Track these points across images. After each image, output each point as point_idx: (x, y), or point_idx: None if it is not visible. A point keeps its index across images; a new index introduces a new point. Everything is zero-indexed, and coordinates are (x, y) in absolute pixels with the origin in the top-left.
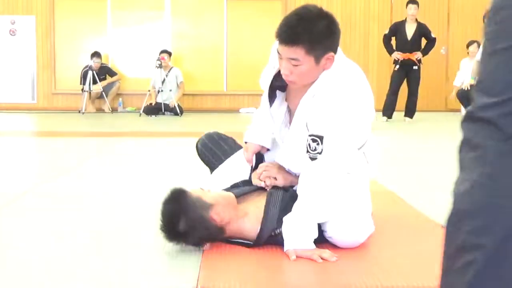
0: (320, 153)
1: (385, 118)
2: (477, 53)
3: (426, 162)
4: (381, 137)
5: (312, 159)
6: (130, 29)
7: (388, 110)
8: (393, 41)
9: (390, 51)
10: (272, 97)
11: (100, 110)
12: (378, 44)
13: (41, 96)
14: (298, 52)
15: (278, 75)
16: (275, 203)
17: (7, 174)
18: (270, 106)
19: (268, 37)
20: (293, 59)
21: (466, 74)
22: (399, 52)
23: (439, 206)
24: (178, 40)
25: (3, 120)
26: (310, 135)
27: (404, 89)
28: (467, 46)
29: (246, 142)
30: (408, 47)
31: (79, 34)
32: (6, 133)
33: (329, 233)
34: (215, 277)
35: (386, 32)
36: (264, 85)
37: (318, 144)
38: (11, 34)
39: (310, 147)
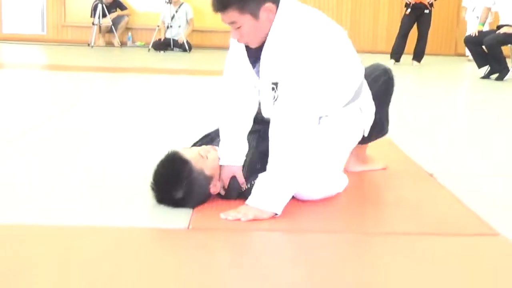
0: (276, 99)
1: (392, 61)
2: None
3: (424, 106)
4: None
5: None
6: None
7: (396, 54)
8: None
9: None
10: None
11: (109, 44)
12: None
13: (51, 28)
14: (232, 16)
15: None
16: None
17: (12, 109)
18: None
19: None
20: (232, 23)
21: None
22: None
23: (435, 155)
24: None
25: (12, 51)
26: (271, 84)
27: (414, 33)
28: None
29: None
30: None
31: None
32: (14, 65)
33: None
34: (206, 219)
35: None
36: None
37: (275, 91)
38: None
39: (273, 97)
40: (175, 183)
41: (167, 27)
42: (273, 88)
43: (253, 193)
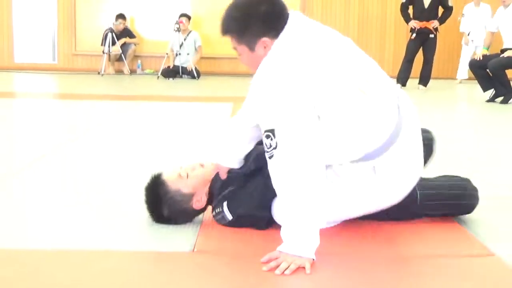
0: (275, 148)
1: (399, 85)
2: (489, 22)
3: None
4: None
5: (270, 157)
6: None
7: (402, 78)
8: (410, 10)
9: (407, 19)
10: None
11: (119, 71)
12: (395, 11)
13: (62, 56)
14: (232, 41)
15: None
16: (216, 184)
17: (23, 137)
18: None
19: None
20: (234, 48)
21: (471, 21)
22: (416, 21)
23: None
24: (196, 4)
25: (24, 80)
26: (263, 133)
27: (420, 57)
28: None
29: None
30: (425, 15)
31: None
32: (27, 94)
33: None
34: (212, 241)
35: (404, 0)
36: None
37: (271, 139)
38: None
39: (266, 145)
40: (157, 204)
41: (176, 55)
42: (267, 136)
43: (286, 240)
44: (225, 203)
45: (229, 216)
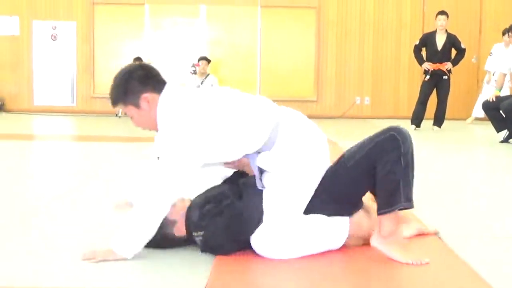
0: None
1: (413, 126)
2: (502, 63)
3: (443, 170)
4: None
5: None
6: (166, 35)
7: (416, 119)
8: (424, 52)
9: (420, 61)
10: None
11: None
12: (409, 52)
13: (80, 99)
14: (122, 108)
15: None
16: (194, 209)
17: (41, 178)
18: None
19: (301, 45)
20: (125, 114)
21: (498, 60)
22: (429, 63)
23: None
24: (213, 47)
25: (44, 123)
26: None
27: (434, 98)
28: (503, 34)
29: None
30: (438, 57)
31: (117, 39)
32: (45, 137)
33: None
34: (224, 279)
35: (417, 43)
36: None
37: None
38: (52, 39)
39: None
40: None
41: None
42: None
43: (115, 236)
44: (201, 233)
45: (202, 246)
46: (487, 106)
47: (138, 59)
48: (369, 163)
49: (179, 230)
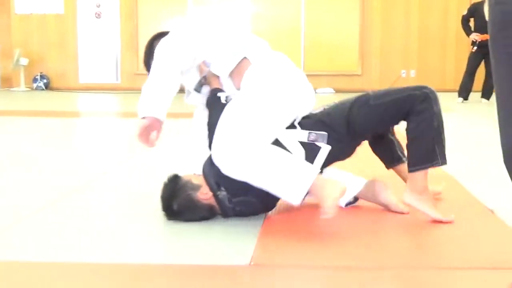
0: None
1: (461, 99)
2: None
3: (494, 144)
4: (453, 119)
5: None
6: (209, 10)
7: (464, 92)
8: (472, 22)
9: (468, 32)
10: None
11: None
12: (456, 23)
13: (125, 76)
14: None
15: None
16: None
17: (89, 154)
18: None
19: (345, 17)
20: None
21: None
22: (477, 34)
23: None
24: (256, 21)
25: (89, 100)
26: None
27: (482, 70)
28: None
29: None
30: (487, 28)
31: (160, 16)
32: (92, 114)
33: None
34: (269, 253)
35: (465, 13)
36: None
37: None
38: (96, 17)
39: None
40: (169, 193)
41: None
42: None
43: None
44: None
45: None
46: None
47: None
48: (398, 109)
49: (203, 195)
